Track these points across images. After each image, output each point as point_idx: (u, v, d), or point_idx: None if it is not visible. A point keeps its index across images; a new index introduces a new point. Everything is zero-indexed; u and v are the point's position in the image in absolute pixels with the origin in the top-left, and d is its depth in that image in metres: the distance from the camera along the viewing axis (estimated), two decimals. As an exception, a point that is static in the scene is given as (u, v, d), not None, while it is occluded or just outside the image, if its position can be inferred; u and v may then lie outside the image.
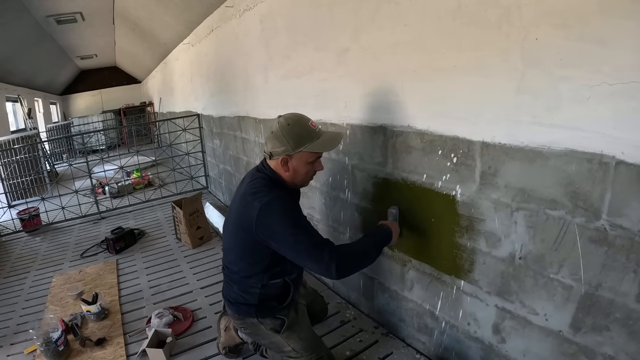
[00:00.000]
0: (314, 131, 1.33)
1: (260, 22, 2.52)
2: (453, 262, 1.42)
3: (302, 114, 1.39)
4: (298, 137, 1.31)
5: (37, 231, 3.82)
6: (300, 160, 1.35)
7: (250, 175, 1.45)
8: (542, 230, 1.10)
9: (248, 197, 1.33)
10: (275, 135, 1.33)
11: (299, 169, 1.36)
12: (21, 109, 6.78)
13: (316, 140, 1.33)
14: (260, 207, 1.27)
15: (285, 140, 1.31)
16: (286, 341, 1.47)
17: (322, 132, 1.36)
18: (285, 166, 1.35)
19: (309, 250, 1.26)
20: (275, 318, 1.48)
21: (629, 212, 0.91)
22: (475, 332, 1.41)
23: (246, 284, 1.45)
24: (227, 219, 1.53)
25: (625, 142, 0.89)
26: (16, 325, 2.19)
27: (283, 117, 1.36)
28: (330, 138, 1.38)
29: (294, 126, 1.32)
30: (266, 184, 1.35)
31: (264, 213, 1.27)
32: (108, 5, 4.97)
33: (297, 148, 1.31)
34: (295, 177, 1.39)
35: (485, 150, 1.21)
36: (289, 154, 1.33)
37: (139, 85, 11.55)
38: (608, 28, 0.87)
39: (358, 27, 1.63)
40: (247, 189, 1.37)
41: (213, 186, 4.74)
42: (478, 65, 1.17)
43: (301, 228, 1.28)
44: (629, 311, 0.95)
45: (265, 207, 1.27)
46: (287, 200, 1.32)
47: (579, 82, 0.94)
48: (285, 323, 1.47)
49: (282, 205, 1.28)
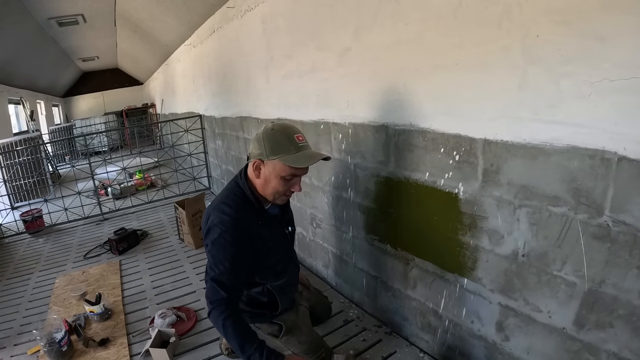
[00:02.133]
0: (296, 144, 1.24)
1: (261, 22, 2.52)
2: (456, 260, 1.42)
3: (293, 126, 1.33)
4: (276, 145, 1.24)
5: (40, 232, 3.84)
6: (273, 170, 1.26)
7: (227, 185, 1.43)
8: (545, 227, 1.10)
9: (209, 211, 1.34)
10: (257, 138, 1.29)
11: (270, 179, 1.29)
12: (23, 111, 6.81)
13: (293, 153, 1.23)
14: (208, 226, 1.30)
15: (263, 145, 1.25)
16: (286, 345, 1.47)
17: (304, 148, 1.26)
18: (257, 171, 1.30)
19: (211, 289, 1.27)
20: (272, 323, 1.48)
21: (631, 208, 0.91)
22: (478, 330, 1.41)
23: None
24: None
25: (628, 138, 0.89)
26: (19, 326, 2.20)
27: (273, 123, 1.32)
28: (308, 156, 1.26)
29: (276, 132, 1.26)
30: (234, 197, 1.34)
31: (207, 234, 1.31)
32: (109, 7, 4.99)
33: (271, 155, 1.24)
34: (266, 187, 1.31)
35: (488, 147, 1.21)
36: (262, 159, 1.27)
37: (141, 87, 11.59)
38: (608, 24, 0.87)
39: (359, 27, 1.64)
40: (216, 201, 1.37)
41: (215, 187, 4.74)
42: (479, 62, 1.17)
43: (219, 267, 1.27)
44: (632, 308, 0.95)
45: (210, 228, 1.30)
46: (231, 231, 1.27)
47: (580, 78, 0.94)
48: (283, 328, 1.47)
49: (222, 233, 1.27)
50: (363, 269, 1.99)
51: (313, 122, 2.12)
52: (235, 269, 1.28)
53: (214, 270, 1.28)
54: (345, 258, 2.11)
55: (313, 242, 2.44)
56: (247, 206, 1.33)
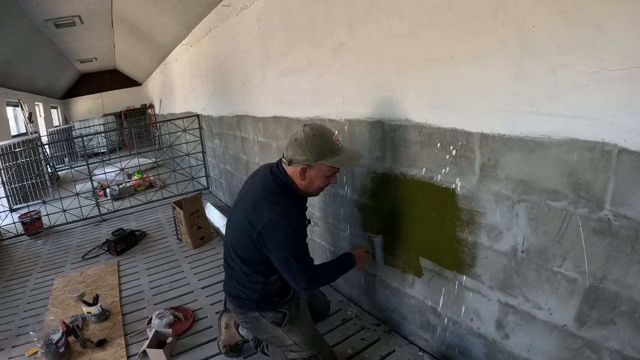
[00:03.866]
0: (337, 146, 1.36)
1: (256, 20, 2.50)
2: (454, 257, 1.40)
3: (328, 127, 1.42)
4: (320, 150, 1.33)
5: (39, 234, 3.83)
6: (319, 172, 1.37)
7: (263, 176, 1.45)
8: (544, 222, 1.08)
9: (260, 202, 1.38)
10: (299, 144, 1.34)
11: (315, 180, 1.39)
12: (22, 114, 6.80)
13: (337, 156, 1.35)
14: (268, 219, 1.32)
15: (308, 150, 1.33)
16: (288, 335, 1.48)
17: (343, 148, 1.39)
18: (302, 175, 1.37)
19: (293, 274, 1.38)
20: (276, 311, 1.49)
21: (633, 202, 0.89)
22: (478, 328, 1.39)
23: (247, 281, 1.47)
24: (232, 215, 1.56)
25: (628, 129, 0.87)
26: (18, 327, 2.19)
27: (309, 126, 1.36)
28: (351, 156, 1.41)
29: (318, 138, 1.33)
30: (280, 192, 1.39)
31: (269, 226, 1.32)
32: (106, 8, 4.97)
33: (318, 160, 1.33)
34: (310, 187, 1.41)
35: (485, 141, 1.19)
36: (309, 164, 1.35)
37: (139, 87, 11.58)
38: (605, 13, 0.85)
39: (353, 22, 1.62)
40: (261, 192, 1.40)
41: (214, 186, 4.73)
42: (475, 55, 1.15)
43: (298, 252, 1.36)
44: (635, 304, 0.93)
45: (273, 222, 1.32)
46: (294, 218, 1.37)
47: (577, 69, 0.92)
48: (287, 316, 1.48)
49: (287, 225, 1.33)
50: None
51: (309, 119, 2.09)
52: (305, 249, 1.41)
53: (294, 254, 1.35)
54: (344, 256, 2.09)
55: (310, 241, 2.41)
56: (293, 199, 1.42)
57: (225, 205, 4.17)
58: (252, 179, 1.52)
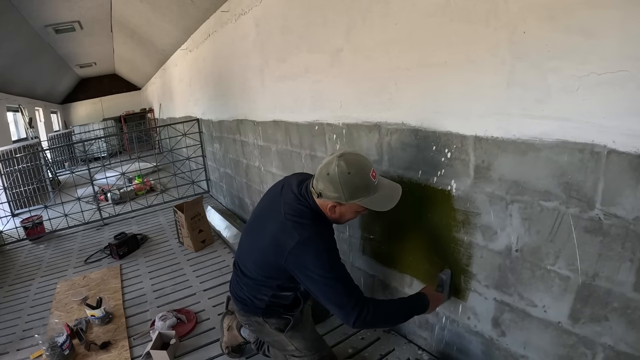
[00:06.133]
0: (372, 184, 1.24)
1: (255, 25, 2.53)
2: (451, 256, 1.42)
3: (365, 160, 1.26)
4: (355, 190, 1.22)
5: (41, 239, 3.86)
6: (350, 209, 1.28)
7: (291, 194, 1.35)
8: (537, 221, 1.11)
9: (288, 223, 1.27)
10: (332, 180, 1.22)
11: (345, 214, 1.31)
12: (22, 119, 6.83)
13: (372, 195, 1.24)
14: (298, 240, 1.23)
15: (341, 189, 1.21)
16: (290, 340, 1.48)
17: (379, 186, 1.27)
18: (332, 210, 1.28)
19: (336, 297, 1.24)
20: (281, 318, 1.48)
21: (622, 201, 0.92)
22: (475, 326, 1.41)
23: (257, 291, 1.44)
24: (254, 224, 1.49)
25: (616, 130, 0.89)
26: (22, 331, 2.22)
27: (344, 159, 1.22)
28: (388, 195, 1.28)
29: (354, 176, 1.21)
30: (308, 215, 1.29)
31: (299, 248, 1.23)
32: (106, 14, 5.01)
33: (351, 199, 1.23)
34: (339, 220, 1.34)
35: (478, 144, 1.22)
36: (341, 203, 1.25)
37: (138, 92, 11.60)
38: (594, 19, 0.88)
39: (350, 28, 1.65)
40: (289, 211, 1.30)
41: (214, 190, 4.76)
42: (468, 60, 1.18)
43: (333, 272, 1.23)
44: (626, 300, 0.96)
45: (303, 243, 1.23)
46: (326, 240, 1.28)
47: (567, 73, 0.94)
48: (291, 322, 1.47)
49: (319, 245, 1.24)
50: (360, 268, 2.00)
51: (308, 123, 2.12)
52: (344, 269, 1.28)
53: (332, 274, 1.23)
54: (344, 258, 2.09)
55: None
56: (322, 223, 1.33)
57: (226, 208, 4.19)
58: (280, 192, 1.41)
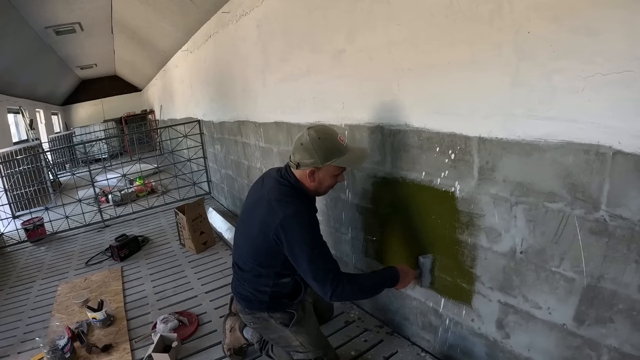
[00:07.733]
0: (342, 146, 1.38)
1: (256, 26, 2.53)
2: (454, 258, 1.42)
3: (331, 128, 1.44)
4: (327, 151, 1.35)
5: (42, 241, 3.85)
6: (327, 173, 1.39)
7: (273, 180, 1.47)
8: (542, 223, 1.10)
9: (273, 203, 1.38)
10: (305, 148, 1.36)
11: (324, 180, 1.41)
12: (23, 120, 6.83)
13: (344, 156, 1.37)
14: (283, 216, 1.32)
15: (315, 153, 1.35)
16: (295, 335, 1.51)
17: (349, 148, 1.41)
18: (311, 177, 1.40)
19: (316, 272, 1.33)
20: (285, 312, 1.52)
21: (628, 202, 0.91)
22: (479, 328, 1.41)
23: (257, 283, 1.50)
24: (244, 218, 1.57)
25: (622, 131, 0.89)
26: (23, 334, 2.21)
27: (313, 129, 1.38)
28: (358, 155, 1.44)
29: (324, 140, 1.35)
30: (291, 193, 1.41)
31: (285, 223, 1.32)
32: (106, 15, 5.01)
33: (326, 161, 1.36)
34: (319, 187, 1.44)
35: (482, 145, 1.21)
36: (317, 167, 1.37)
37: (139, 93, 11.62)
38: (599, 18, 0.87)
39: (352, 28, 1.64)
40: (272, 194, 1.41)
41: (215, 191, 4.75)
42: (472, 60, 1.17)
43: (317, 249, 1.34)
44: (632, 302, 0.95)
45: (288, 218, 1.32)
46: (309, 216, 1.38)
47: (572, 73, 0.94)
48: (295, 317, 1.51)
49: (303, 220, 1.34)
50: (363, 269, 1.99)
51: (310, 124, 2.11)
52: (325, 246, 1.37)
53: (314, 251, 1.32)
54: (345, 259, 2.11)
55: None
56: (304, 199, 1.44)
57: (227, 210, 4.18)
58: (262, 183, 1.53)
